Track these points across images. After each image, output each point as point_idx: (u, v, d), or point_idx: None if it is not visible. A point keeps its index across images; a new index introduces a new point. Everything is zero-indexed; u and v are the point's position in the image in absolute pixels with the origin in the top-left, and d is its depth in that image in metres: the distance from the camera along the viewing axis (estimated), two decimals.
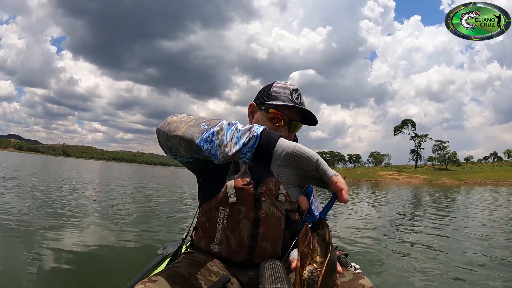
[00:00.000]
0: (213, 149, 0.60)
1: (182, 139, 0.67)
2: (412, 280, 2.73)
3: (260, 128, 0.58)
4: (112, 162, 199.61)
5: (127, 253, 3.14)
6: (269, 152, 0.55)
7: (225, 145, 0.58)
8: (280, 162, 0.54)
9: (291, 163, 0.54)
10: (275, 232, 0.97)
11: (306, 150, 0.54)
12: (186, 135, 0.65)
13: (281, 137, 0.57)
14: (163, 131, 0.74)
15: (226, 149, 0.58)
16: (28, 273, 2.40)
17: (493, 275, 2.88)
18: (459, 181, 39.65)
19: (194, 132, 0.64)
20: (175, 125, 0.70)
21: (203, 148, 0.61)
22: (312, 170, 0.54)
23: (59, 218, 4.37)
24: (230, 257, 0.96)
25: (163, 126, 0.75)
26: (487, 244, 4.27)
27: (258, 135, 0.56)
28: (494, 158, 74.23)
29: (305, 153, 0.54)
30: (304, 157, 0.53)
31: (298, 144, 0.55)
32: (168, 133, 0.71)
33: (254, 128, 0.58)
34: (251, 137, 0.56)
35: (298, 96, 0.96)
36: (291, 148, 0.54)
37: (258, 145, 0.56)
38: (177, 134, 0.68)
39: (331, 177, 0.52)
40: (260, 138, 0.56)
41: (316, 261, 0.55)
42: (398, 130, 69.17)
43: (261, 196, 0.95)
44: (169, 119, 0.75)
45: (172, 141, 0.71)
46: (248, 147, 0.56)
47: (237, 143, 0.57)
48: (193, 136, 0.63)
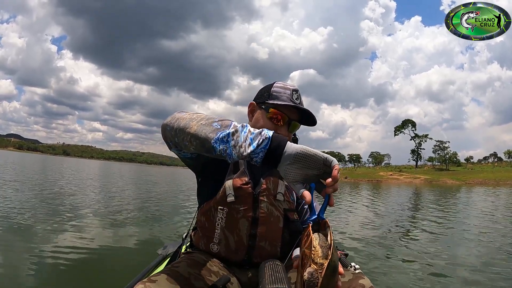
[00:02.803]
0: (228, 149, 0.66)
1: (194, 137, 0.70)
2: (412, 280, 2.73)
3: (270, 132, 0.65)
4: (112, 161, 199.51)
5: (127, 253, 3.14)
6: (279, 152, 0.62)
7: (240, 146, 0.65)
8: (290, 161, 0.62)
9: (300, 161, 0.62)
10: (274, 231, 0.97)
11: (313, 149, 0.62)
12: (200, 133, 0.69)
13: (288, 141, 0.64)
14: (171, 127, 0.76)
15: (241, 149, 0.64)
16: (28, 273, 2.40)
17: (493, 276, 2.88)
18: (460, 181, 39.59)
19: (208, 131, 0.68)
20: (186, 122, 0.73)
21: (218, 147, 0.67)
22: (319, 165, 0.62)
23: (59, 218, 4.37)
24: (229, 257, 0.96)
25: (170, 121, 0.77)
26: (489, 245, 4.27)
27: (270, 137, 0.64)
28: (494, 158, 74.18)
29: (312, 152, 0.62)
30: (312, 154, 0.62)
31: (304, 146, 0.63)
32: (178, 129, 0.74)
33: (265, 132, 0.65)
34: (264, 139, 0.64)
35: (298, 96, 0.97)
36: (300, 148, 0.62)
37: (270, 146, 0.63)
38: (189, 131, 0.71)
39: (336, 164, 0.61)
40: (271, 140, 0.63)
41: (317, 262, 0.55)
42: (398, 130, 69.08)
43: (260, 196, 0.95)
44: (177, 115, 0.77)
45: (182, 137, 0.74)
46: (261, 148, 0.63)
47: (251, 144, 0.64)
48: (208, 135, 0.68)
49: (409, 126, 68.16)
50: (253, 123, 0.99)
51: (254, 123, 0.98)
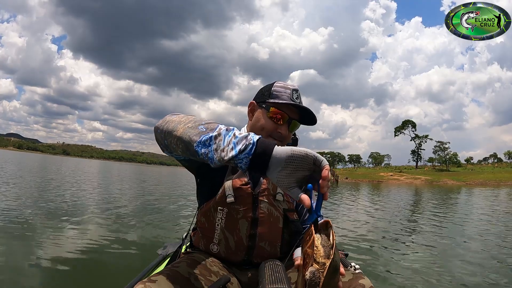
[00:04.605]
0: (210, 152, 0.63)
1: (180, 139, 0.69)
2: (412, 280, 2.73)
3: (256, 136, 0.61)
4: (112, 161, 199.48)
5: (127, 253, 3.14)
6: (266, 158, 0.59)
7: (222, 150, 0.61)
8: (281, 167, 0.58)
9: (292, 165, 0.58)
10: (274, 231, 0.97)
11: (302, 149, 0.59)
12: (184, 136, 0.67)
13: (276, 145, 0.60)
14: (161, 129, 0.75)
15: (223, 153, 0.61)
16: (28, 273, 2.41)
17: (493, 276, 2.88)
18: (461, 182, 39.53)
19: (192, 134, 0.66)
20: (174, 125, 0.72)
21: (200, 151, 0.64)
22: (310, 166, 0.59)
23: (59, 218, 4.37)
24: (229, 257, 0.96)
25: (161, 124, 0.76)
26: (490, 246, 4.27)
27: (255, 142, 0.60)
28: (494, 159, 74.13)
29: (303, 152, 0.58)
30: (303, 156, 0.58)
31: (293, 147, 0.59)
32: (166, 131, 0.73)
33: (250, 136, 0.61)
34: (248, 144, 0.60)
35: (298, 96, 0.97)
36: (289, 151, 0.58)
37: (255, 152, 0.59)
38: (175, 134, 0.70)
39: (326, 165, 0.59)
40: (256, 146, 0.59)
41: (319, 262, 0.55)
42: (398, 131, 69.04)
43: (259, 196, 0.95)
44: (168, 118, 0.76)
45: (170, 140, 0.73)
46: (244, 153, 0.59)
47: (233, 149, 0.60)
48: (191, 138, 0.65)
49: (409, 127, 68.12)
50: (253, 122, 0.99)
51: (255, 122, 0.98)
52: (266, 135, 0.96)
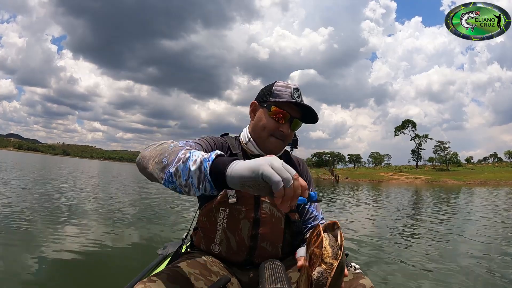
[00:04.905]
0: (177, 188, 0.63)
1: (152, 176, 0.69)
2: (412, 280, 2.73)
3: (209, 163, 0.58)
4: (112, 161, 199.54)
5: (127, 253, 3.14)
6: (224, 184, 0.57)
7: (185, 185, 0.61)
8: (240, 187, 0.55)
9: (248, 187, 0.55)
10: (275, 232, 0.97)
11: (251, 167, 0.54)
12: (154, 174, 0.67)
13: (232, 163, 0.57)
14: (139, 167, 0.75)
15: (187, 189, 0.61)
16: (28, 273, 2.40)
17: (493, 276, 2.88)
18: (461, 181, 39.50)
19: (159, 169, 0.65)
20: (146, 161, 0.71)
21: (169, 187, 0.64)
22: (267, 190, 0.54)
23: (59, 218, 4.37)
24: (230, 257, 0.96)
25: (138, 160, 0.76)
26: (491, 246, 4.27)
27: (208, 175, 0.57)
28: (494, 159, 74.12)
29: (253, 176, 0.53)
30: (253, 176, 0.53)
31: (243, 167, 0.55)
32: (142, 169, 0.73)
33: (203, 166, 0.58)
34: (202, 178, 0.58)
35: (299, 94, 0.98)
36: (239, 178, 0.54)
37: (213, 180, 0.57)
38: (148, 172, 0.70)
39: (279, 187, 0.52)
40: (211, 176, 0.57)
41: (326, 262, 0.55)
42: (398, 131, 69.00)
43: (261, 196, 0.95)
44: (142, 153, 0.75)
45: (148, 176, 0.73)
46: (203, 186, 0.58)
47: (192, 187, 0.60)
48: (159, 175, 0.65)
49: (409, 127, 68.09)
50: (255, 122, 1.00)
51: (256, 122, 0.99)
52: (268, 134, 0.97)
